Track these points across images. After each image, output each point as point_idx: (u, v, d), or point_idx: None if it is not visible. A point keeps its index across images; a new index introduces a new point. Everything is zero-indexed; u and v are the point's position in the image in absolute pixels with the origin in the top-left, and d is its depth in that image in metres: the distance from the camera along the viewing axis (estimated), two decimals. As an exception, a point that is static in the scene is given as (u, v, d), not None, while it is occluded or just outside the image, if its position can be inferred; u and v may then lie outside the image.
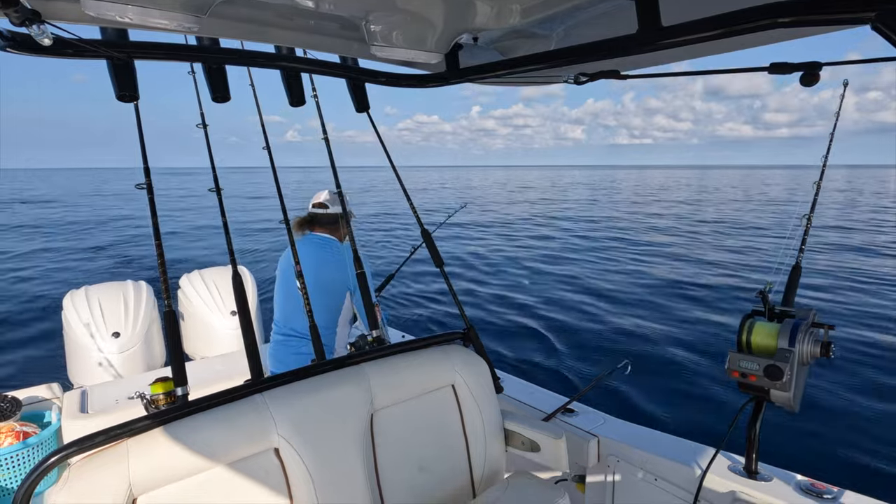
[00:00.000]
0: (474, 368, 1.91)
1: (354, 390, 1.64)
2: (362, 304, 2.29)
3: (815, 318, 1.72)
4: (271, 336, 2.60)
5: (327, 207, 2.61)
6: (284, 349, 2.50)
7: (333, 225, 2.63)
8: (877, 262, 11.76)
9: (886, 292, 8.93)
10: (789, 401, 1.65)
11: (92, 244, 15.93)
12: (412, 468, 1.72)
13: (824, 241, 14.22)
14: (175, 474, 1.30)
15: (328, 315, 2.45)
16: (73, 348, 3.10)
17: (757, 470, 1.79)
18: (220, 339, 3.43)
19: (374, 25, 1.40)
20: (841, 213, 23.13)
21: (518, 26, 1.43)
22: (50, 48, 1.14)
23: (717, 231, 17.20)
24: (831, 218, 20.16)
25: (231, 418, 1.41)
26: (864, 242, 14.40)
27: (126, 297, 3.27)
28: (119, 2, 1.05)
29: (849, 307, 8.02)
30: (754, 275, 10.25)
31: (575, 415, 2.29)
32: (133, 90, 1.51)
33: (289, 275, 2.53)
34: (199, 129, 1.99)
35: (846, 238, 15.05)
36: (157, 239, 1.61)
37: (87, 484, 1.19)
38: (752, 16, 0.99)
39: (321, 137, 2.28)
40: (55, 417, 2.54)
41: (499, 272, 11.05)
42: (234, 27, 1.41)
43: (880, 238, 15.69)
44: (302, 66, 1.78)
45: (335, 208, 2.61)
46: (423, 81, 1.86)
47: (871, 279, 9.88)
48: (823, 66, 1.21)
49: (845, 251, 12.91)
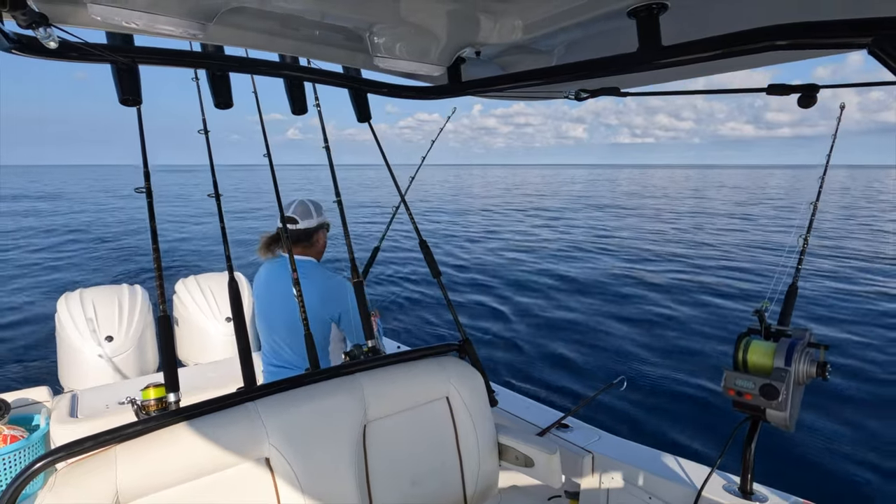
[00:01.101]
0: (469, 381, 1.90)
1: (348, 400, 1.63)
2: (355, 326, 2.14)
3: (811, 338, 1.73)
4: (263, 368, 2.38)
5: (297, 222, 2.29)
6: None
7: (306, 241, 2.32)
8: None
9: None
10: (785, 420, 1.65)
11: (88, 245, 15.90)
12: (404, 481, 1.70)
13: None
14: (163, 482, 1.28)
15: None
16: (65, 351, 3.08)
17: (752, 490, 1.78)
18: (213, 346, 3.42)
19: (378, 37, 1.41)
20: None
21: (520, 42, 1.44)
22: (55, 51, 1.14)
23: (719, 241, 17.24)
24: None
25: (222, 426, 1.40)
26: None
27: (121, 300, 3.25)
28: (126, 7, 1.06)
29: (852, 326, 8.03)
30: (751, 293, 10.26)
31: (570, 430, 2.28)
32: (136, 94, 1.52)
33: (269, 303, 2.34)
34: (199, 134, 2.00)
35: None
36: (154, 243, 1.61)
37: (74, 489, 1.17)
38: (750, 38, 1.00)
39: (322, 146, 2.29)
40: (44, 421, 2.52)
41: (494, 283, 11.05)
42: (239, 35, 1.43)
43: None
44: (305, 75, 1.80)
45: (306, 222, 2.31)
46: (425, 94, 1.88)
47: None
48: (821, 88, 1.23)
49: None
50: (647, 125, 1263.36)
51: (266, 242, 2.35)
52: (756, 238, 17.52)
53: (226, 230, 1.90)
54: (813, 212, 2.12)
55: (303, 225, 2.31)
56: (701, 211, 27.85)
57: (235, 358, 1.70)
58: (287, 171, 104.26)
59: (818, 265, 12.53)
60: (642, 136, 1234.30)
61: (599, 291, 10.27)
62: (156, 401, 1.45)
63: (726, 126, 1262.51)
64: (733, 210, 28.49)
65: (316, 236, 2.37)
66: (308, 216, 2.33)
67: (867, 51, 0.86)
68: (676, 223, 21.67)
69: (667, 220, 22.98)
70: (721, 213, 26.37)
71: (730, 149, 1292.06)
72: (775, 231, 19.12)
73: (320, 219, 2.39)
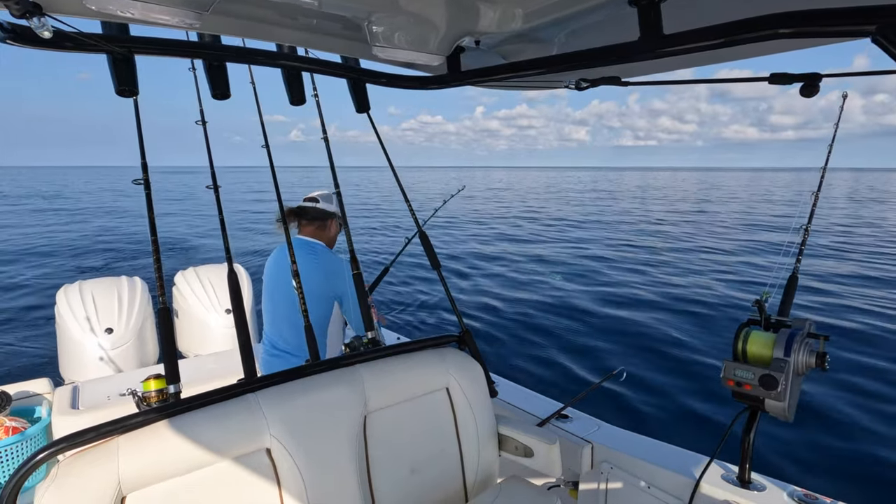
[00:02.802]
0: (469, 372, 1.91)
1: (348, 391, 1.64)
2: (354, 312, 2.21)
3: (811, 328, 1.73)
4: (262, 351, 2.44)
5: (318, 202, 2.50)
6: (279, 365, 2.27)
7: (321, 221, 2.50)
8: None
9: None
10: (784, 411, 1.66)
11: (87, 239, 15.88)
12: (404, 471, 1.72)
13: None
14: (165, 473, 1.29)
15: (315, 325, 2.22)
16: (65, 343, 3.09)
17: (750, 479, 1.80)
18: (213, 337, 3.43)
19: (377, 26, 1.40)
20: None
21: (520, 30, 1.43)
22: (49, 41, 1.13)
23: (717, 236, 17.24)
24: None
25: (223, 417, 1.40)
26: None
27: (120, 292, 3.26)
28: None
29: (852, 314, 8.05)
30: (751, 283, 10.27)
31: (569, 420, 2.29)
32: (133, 85, 1.51)
33: (276, 280, 2.45)
34: (198, 125, 1.99)
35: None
36: (153, 235, 1.61)
37: (76, 480, 1.18)
38: (753, 26, 1.00)
39: (321, 137, 2.29)
40: (45, 413, 2.53)
41: (495, 273, 11.06)
42: (235, 24, 1.41)
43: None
44: (303, 64, 1.78)
45: (325, 205, 2.51)
46: (424, 83, 1.87)
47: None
48: (823, 77, 1.23)
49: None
50: (650, 127, 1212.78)
51: (286, 213, 2.31)
52: (759, 233, 17.52)
53: (224, 222, 1.89)
54: (814, 202, 2.11)
55: (322, 205, 2.48)
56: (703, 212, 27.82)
57: (235, 349, 1.70)
58: (289, 174, 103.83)
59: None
60: (645, 139, 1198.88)
61: (597, 281, 10.28)
62: (156, 392, 1.45)
63: (730, 129, 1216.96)
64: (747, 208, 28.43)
65: (330, 222, 2.52)
66: (329, 201, 2.52)
67: (871, 39, 0.85)
68: (677, 224, 21.63)
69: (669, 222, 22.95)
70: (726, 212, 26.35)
71: (733, 151, 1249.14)
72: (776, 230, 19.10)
73: (336, 209, 2.53)
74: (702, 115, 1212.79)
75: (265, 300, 2.50)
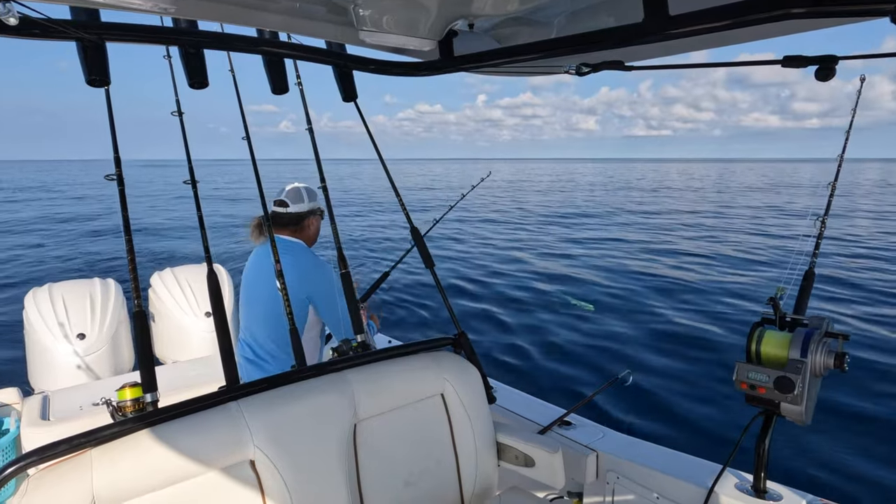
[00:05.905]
0: (465, 377, 1.92)
1: (336, 399, 1.64)
2: (331, 315, 2.21)
3: (828, 327, 1.74)
4: (237, 354, 2.38)
5: (287, 206, 2.43)
6: (255, 372, 2.30)
7: (296, 226, 2.45)
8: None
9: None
10: (801, 415, 1.66)
11: (58, 238, 15.82)
12: (397, 483, 1.72)
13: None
14: (141, 487, 1.29)
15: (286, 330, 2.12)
16: (34, 350, 3.08)
17: (766, 488, 1.80)
18: (193, 342, 3.42)
19: (364, 9, 1.40)
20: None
21: (516, 13, 1.43)
22: (16, 28, 1.13)
23: (730, 230, 17.31)
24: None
25: (203, 427, 1.41)
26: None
27: (93, 295, 3.25)
28: None
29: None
30: (765, 279, 10.32)
31: (572, 427, 2.30)
32: (104, 74, 1.51)
33: (253, 281, 2.44)
34: (174, 116, 1.98)
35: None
36: (127, 233, 1.60)
37: (47, 496, 1.18)
38: (764, 5, 1.00)
39: (305, 128, 2.28)
40: (14, 424, 2.53)
41: (498, 273, 11.07)
42: (212, 9, 1.41)
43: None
44: (285, 51, 1.78)
45: (297, 206, 2.43)
46: (415, 70, 1.87)
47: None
48: (840, 59, 1.23)
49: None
50: (663, 116, 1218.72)
51: (256, 224, 2.43)
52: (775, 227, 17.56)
53: (203, 219, 1.89)
54: (831, 193, 2.12)
55: (293, 209, 2.43)
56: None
57: (216, 355, 1.70)
58: (280, 166, 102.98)
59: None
60: (658, 129, 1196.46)
61: (606, 280, 10.31)
62: (132, 401, 1.45)
63: (750, 117, 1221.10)
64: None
65: (307, 221, 2.49)
66: (299, 200, 2.46)
67: (890, 18, 0.86)
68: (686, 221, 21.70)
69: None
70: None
71: (754, 141, 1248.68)
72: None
73: (312, 204, 2.50)
74: (719, 103, 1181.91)
75: (242, 303, 2.50)
